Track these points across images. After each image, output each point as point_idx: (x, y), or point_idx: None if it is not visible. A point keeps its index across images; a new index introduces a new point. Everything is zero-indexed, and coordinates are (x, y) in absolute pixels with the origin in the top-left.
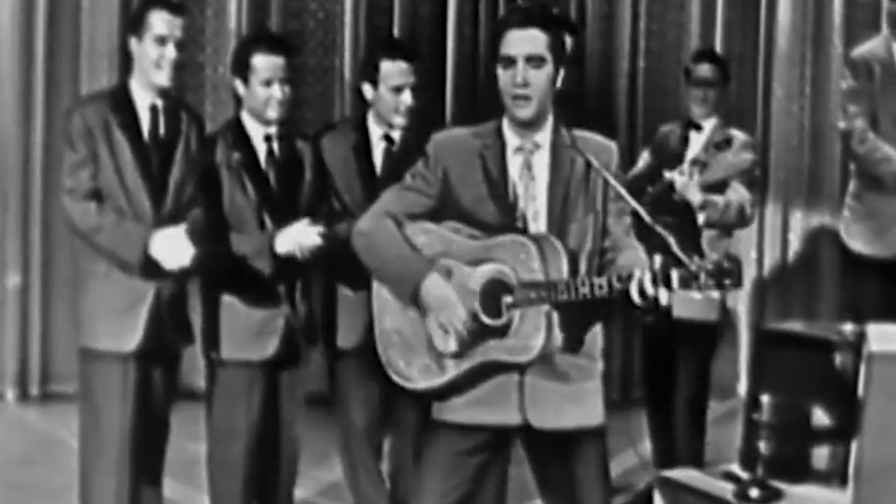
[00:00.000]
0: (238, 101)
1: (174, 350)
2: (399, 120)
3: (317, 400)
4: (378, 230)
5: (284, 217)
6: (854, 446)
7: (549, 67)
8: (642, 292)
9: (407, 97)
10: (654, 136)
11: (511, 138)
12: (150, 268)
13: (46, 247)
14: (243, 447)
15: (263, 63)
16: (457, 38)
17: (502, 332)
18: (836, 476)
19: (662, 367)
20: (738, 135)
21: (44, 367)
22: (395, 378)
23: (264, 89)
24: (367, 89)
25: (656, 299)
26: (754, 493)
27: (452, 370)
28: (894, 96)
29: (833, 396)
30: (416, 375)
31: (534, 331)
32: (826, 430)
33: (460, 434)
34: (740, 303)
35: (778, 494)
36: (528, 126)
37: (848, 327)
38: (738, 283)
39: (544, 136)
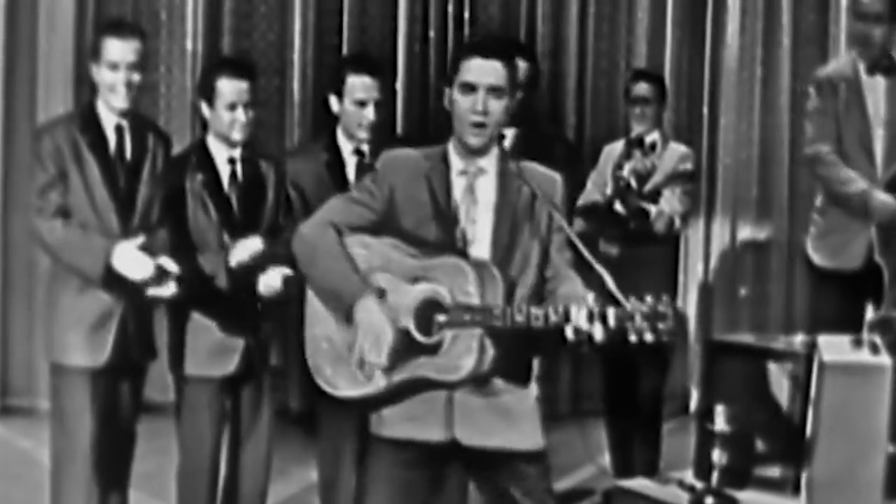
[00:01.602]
0: (203, 123)
1: (140, 365)
2: (362, 134)
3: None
4: (321, 240)
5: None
6: (804, 454)
7: (506, 98)
8: (576, 328)
9: (370, 112)
10: (599, 156)
11: (455, 161)
12: (112, 280)
13: (5, 264)
14: (209, 460)
15: (228, 87)
16: (407, 57)
17: (433, 349)
18: (788, 484)
19: (619, 380)
20: (679, 148)
21: (3, 381)
22: (322, 385)
23: (229, 113)
24: (334, 102)
25: (590, 336)
26: (709, 501)
27: (381, 381)
28: (858, 116)
29: (784, 406)
30: (343, 384)
31: (465, 352)
32: (778, 441)
33: (396, 449)
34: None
35: (734, 502)
36: (475, 152)
37: (798, 338)
38: (673, 331)
39: (489, 161)
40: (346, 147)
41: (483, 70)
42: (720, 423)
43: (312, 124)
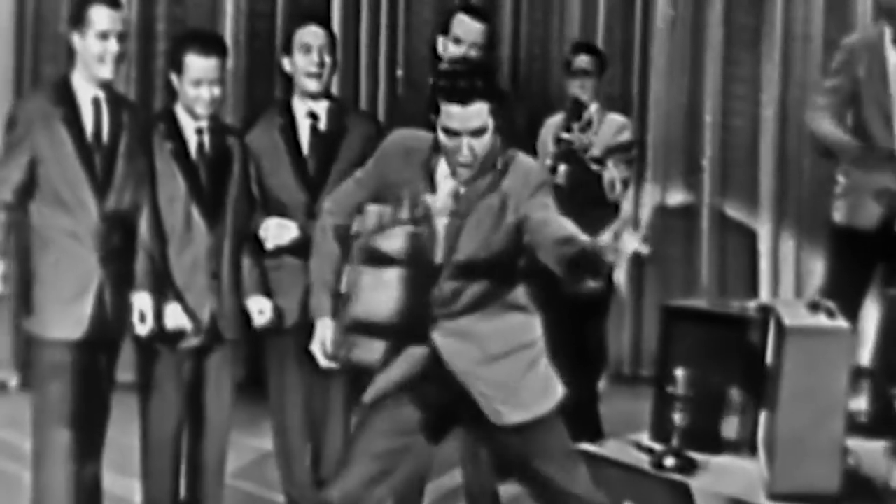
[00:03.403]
0: (172, 92)
1: (115, 339)
2: (310, 83)
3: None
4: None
5: (211, 210)
6: (763, 417)
7: (489, 132)
8: None
9: (314, 55)
10: (541, 128)
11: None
12: None
13: None
14: (173, 430)
15: (195, 63)
16: (343, 17)
17: None
18: (745, 445)
19: (563, 343)
20: (617, 118)
21: None
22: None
23: (194, 89)
24: (286, 62)
25: None
26: (669, 462)
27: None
28: (879, 85)
29: (740, 369)
30: None
31: None
32: (736, 402)
33: (389, 414)
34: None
35: (693, 464)
36: None
37: (752, 303)
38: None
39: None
40: (300, 110)
41: (464, 117)
42: (681, 387)
43: (245, 93)
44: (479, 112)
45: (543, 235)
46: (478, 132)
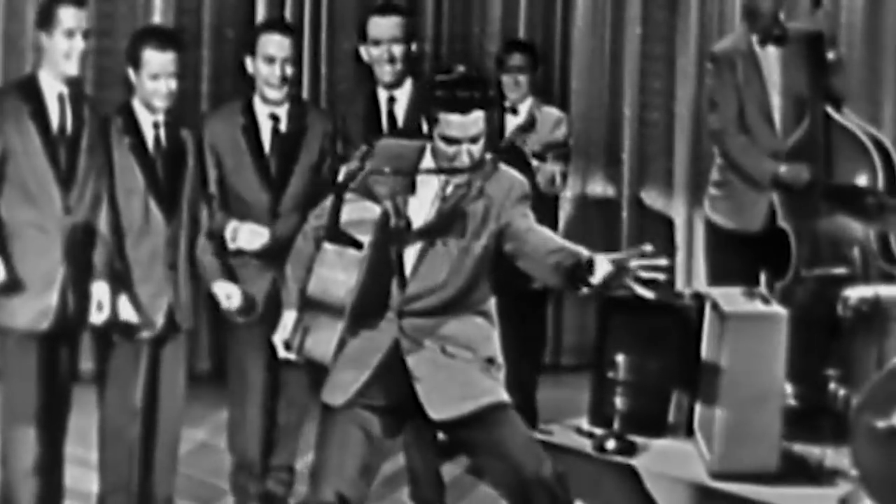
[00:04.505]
0: (129, 87)
1: (77, 330)
2: (272, 92)
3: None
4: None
5: (169, 202)
6: (700, 400)
7: (484, 133)
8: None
9: (277, 69)
10: None
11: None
12: None
13: None
14: (130, 419)
15: (152, 58)
16: (266, 13)
17: None
18: (681, 427)
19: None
20: (553, 112)
21: None
22: None
23: (152, 83)
24: (249, 63)
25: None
26: (611, 444)
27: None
28: (757, 88)
29: (677, 355)
30: None
31: None
32: (673, 386)
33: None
34: None
35: (633, 446)
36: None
37: (686, 292)
38: None
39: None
40: (261, 111)
41: (463, 125)
42: (622, 373)
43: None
44: (476, 120)
45: (532, 244)
46: (475, 139)
